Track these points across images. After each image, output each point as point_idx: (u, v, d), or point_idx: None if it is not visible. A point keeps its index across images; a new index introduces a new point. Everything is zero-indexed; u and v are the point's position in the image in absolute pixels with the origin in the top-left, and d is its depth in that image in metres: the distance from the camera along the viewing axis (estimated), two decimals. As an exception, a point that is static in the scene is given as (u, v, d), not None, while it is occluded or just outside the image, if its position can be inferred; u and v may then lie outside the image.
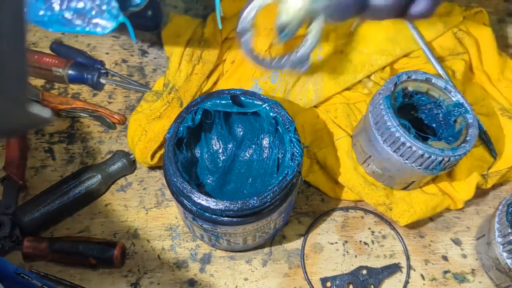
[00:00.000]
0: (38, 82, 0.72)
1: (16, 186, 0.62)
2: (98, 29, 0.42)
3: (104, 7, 0.41)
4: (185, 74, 0.64)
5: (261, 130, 0.57)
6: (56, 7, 0.41)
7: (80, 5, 0.41)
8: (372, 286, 0.59)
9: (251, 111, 0.54)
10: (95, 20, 0.42)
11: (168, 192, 0.64)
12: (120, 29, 0.47)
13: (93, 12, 0.41)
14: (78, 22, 0.42)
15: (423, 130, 0.60)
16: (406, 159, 0.54)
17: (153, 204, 0.64)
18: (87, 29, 0.42)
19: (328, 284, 0.59)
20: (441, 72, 0.66)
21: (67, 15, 0.41)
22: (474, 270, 0.61)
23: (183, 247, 0.61)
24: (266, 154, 0.57)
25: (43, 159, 0.66)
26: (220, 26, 0.56)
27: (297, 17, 0.49)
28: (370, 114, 0.57)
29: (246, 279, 0.59)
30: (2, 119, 0.29)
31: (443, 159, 0.52)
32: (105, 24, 0.42)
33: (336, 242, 0.62)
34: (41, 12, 0.41)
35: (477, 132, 0.54)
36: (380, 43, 0.67)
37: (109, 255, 0.57)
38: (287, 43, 0.70)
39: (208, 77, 0.66)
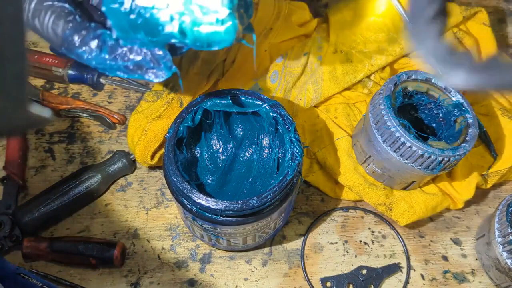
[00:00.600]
0: (38, 82, 0.72)
1: (16, 186, 0.62)
2: (153, 77, 0.47)
3: (160, 60, 0.46)
4: (185, 74, 0.64)
5: (261, 130, 0.57)
6: (119, 60, 0.46)
7: (139, 58, 0.46)
8: (372, 286, 0.59)
9: (251, 111, 0.54)
10: (152, 71, 0.47)
11: (168, 192, 0.64)
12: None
13: (151, 64, 0.46)
14: (137, 71, 0.47)
15: (423, 130, 0.60)
16: (406, 159, 0.54)
17: (153, 204, 0.64)
18: (145, 77, 0.47)
19: (328, 284, 0.59)
20: (441, 72, 0.66)
21: (129, 65, 0.47)
22: (474, 270, 0.61)
23: (183, 247, 0.61)
24: (266, 154, 0.57)
25: (43, 159, 0.66)
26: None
27: None
28: (370, 114, 0.57)
29: (246, 279, 0.59)
30: (2, 119, 0.29)
31: (443, 159, 0.52)
32: (161, 74, 0.47)
33: (336, 242, 0.62)
34: (107, 62, 0.47)
35: (477, 132, 0.54)
36: (380, 43, 0.67)
37: (109, 255, 0.57)
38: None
39: (208, 77, 0.66)
